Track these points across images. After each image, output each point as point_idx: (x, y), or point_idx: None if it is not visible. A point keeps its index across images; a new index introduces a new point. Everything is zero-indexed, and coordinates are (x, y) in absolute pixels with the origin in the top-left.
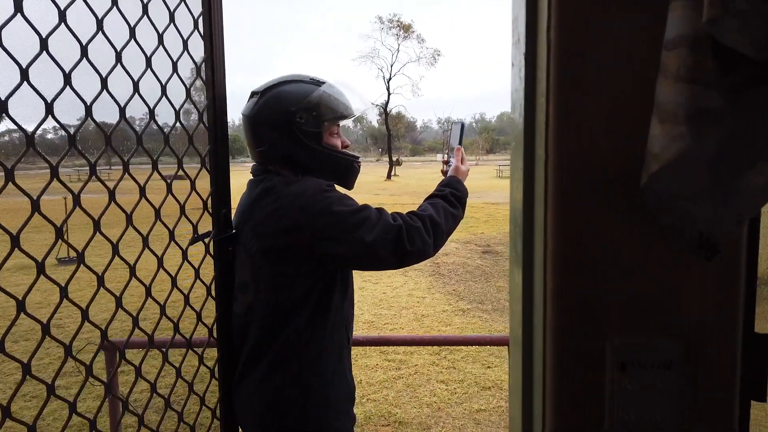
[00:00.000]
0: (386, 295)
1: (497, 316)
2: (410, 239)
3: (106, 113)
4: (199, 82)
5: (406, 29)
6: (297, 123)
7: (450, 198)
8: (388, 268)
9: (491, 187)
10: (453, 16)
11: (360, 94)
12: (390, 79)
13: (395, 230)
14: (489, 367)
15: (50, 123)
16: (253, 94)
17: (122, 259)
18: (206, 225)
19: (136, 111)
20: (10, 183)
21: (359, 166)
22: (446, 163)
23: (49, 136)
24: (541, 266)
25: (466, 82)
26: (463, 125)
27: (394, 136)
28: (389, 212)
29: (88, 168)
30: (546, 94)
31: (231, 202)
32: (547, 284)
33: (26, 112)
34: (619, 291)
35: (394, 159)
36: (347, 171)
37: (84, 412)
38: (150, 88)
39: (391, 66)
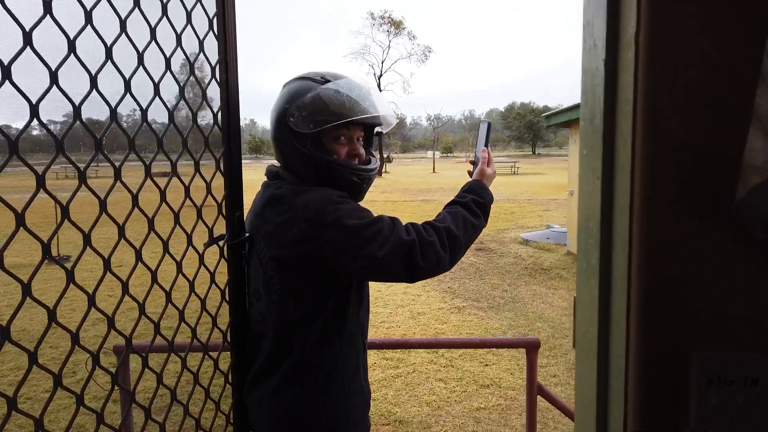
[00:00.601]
0: (381, 293)
1: (492, 314)
2: (423, 255)
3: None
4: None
5: (397, 26)
6: (290, 123)
7: (471, 206)
8: (401, 282)
9: None
10: (444, 13)
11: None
12: (381, 75)
13: (408, 246)
14: (486, 365)
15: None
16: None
17: (145, 265)
18: (220, 228)
19: (126, 108)
20: None
21: (363, 180)
22: (473, 163)
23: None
24: (623, 278)
25: (456, 80)
26: (489, 125)
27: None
28: (404, 223)
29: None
30: (633, 101)
31: (244, 205)
32: (631, 296)
33: (47, 112)
34: (706, 304)
35: (385, 156)
36: (346, 182)
37: (107, 420)
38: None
39: (382, 63)
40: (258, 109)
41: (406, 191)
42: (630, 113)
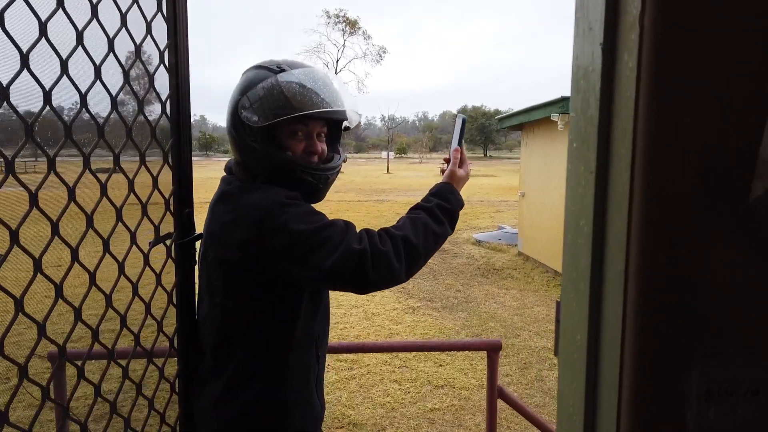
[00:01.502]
0: (335, 293)
1: (447, 314)
2: (375, 267)
3: (62, 99)
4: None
5: (352, 25)
6: (241, 115)
7: (435, 212)
8: (350, 292)
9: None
10: (398, 14)
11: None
12: (335, 74)
13: (357, 256)
14: (441, 365)
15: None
16: None
17: (82, 266)
18: (167, 227)
19: (64, 95)
20: None
21: (318, 180)
22: (447, 161)
23: None
24: (618, 282)
25: (410, 81)
26: (464, 120)
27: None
28: (359, 228)
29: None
30: (635, 88)
31: (194, 201)
32: (627, 302)
33: None
34: (709, 311)
35: None
36: (294, 182)
37: None
38: (86, 72)
39: (337, 62)
40: (208, 105)
41: (360, 191)
42: (631, 101)
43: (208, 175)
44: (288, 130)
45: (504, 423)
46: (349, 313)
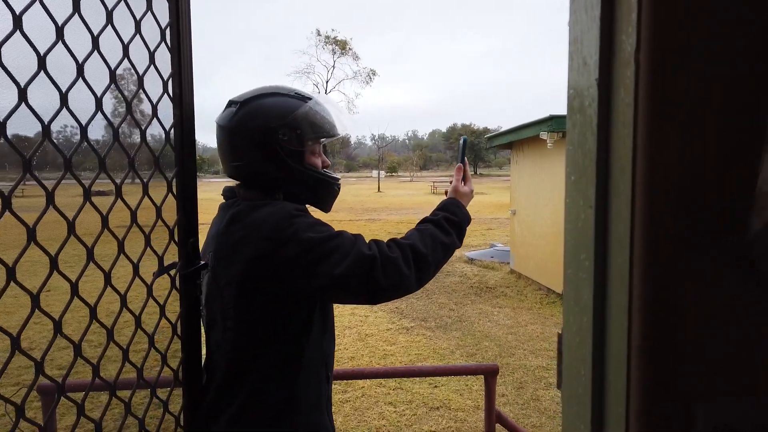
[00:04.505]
0: None
1: (441, 334)
2: (385, 273)
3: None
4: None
5: (342, 46)
6: (279, 140)
7: (443, 224)
8: (363, 302)
9: (427, 202)
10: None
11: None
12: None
13: (368, 262)
14: (436, 386)
15: None
16: (230, 103)
17: (83, 301)
18: (171, 256)
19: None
20: None
21: (339, 188)
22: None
23: None
24: (622, 317)
25: (400, 100)
26: (465, 140)
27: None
28: (367, 240)
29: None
30: (633, 123)
31: (199, 231)
32: (632, 337)
33: None
34: (715, 348)
35: None
36: (327, 193)
37: None
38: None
39: (327, 82)
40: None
41: (352, 210)
42: (629, 138)
43: (201, 196)
44: (311, 149)
45: None
46: (343, 334)
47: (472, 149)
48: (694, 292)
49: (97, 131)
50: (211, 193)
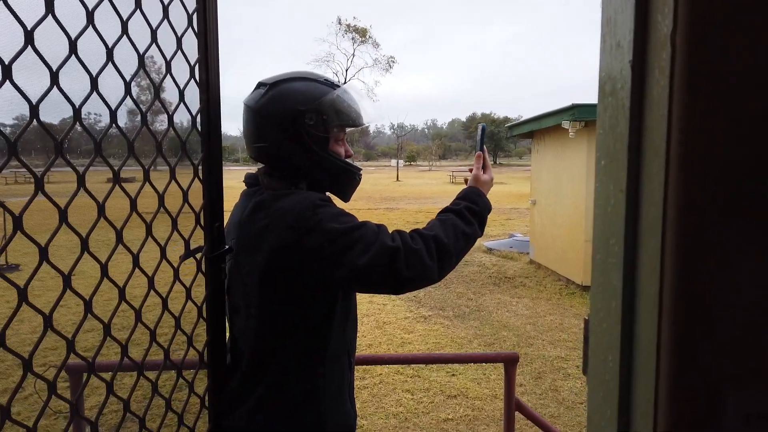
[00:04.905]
0: None
1: (458, 323)
2: (408, 264)
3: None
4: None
5: (362, 33)
6: (305, 124)
7: (464, 213)
8: (386, 293)
9: (445, 192)
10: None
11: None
12: (344, 83)
13: (390, 253)
14: (453, 375)
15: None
16: (259, 85)
17: (112, 281)
18: (197, 240)
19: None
20: None
21: (360, 178)
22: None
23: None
24: (653, 303)
25: (420, 89)
26: (483, 128)
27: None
28: (390, 230)
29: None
30: (668, 105)
31: (224, 215)
32: (662, 323)
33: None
34: (747, 333)
35: None
36: (348, 182)
37: None
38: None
39: (346, 71)
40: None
41: (371, 199)
42: (664, 119)
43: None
44: (336, 137)
45: None
46: (361, 322)
47: (492, 138)
48: (727, 278)
49: (122, 117)
50: (230, 181)
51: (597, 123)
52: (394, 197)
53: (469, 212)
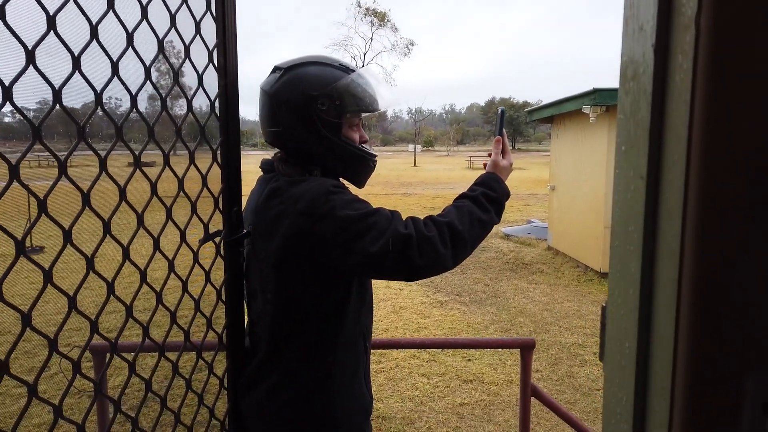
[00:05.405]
0: None
1: (475, 308)
2: (421, 251)
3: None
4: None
5: (381, 17)
6: (317, 109)
7: (481, 200)
8: (399, 280)
9: (463, 178)
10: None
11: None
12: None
13: (403, 240)
14: (469, 359)
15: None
16: (275, 69)
17: (134, 264)
18: (216, 224)
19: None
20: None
21: (375, 165)
22: (490, 155)
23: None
24: (671, 290)
25: (438, 73)
26: (503, 112)
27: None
28: (404, 217)
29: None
30: (691, 91)
31: (242, 199)
32: (680, 309)
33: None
34: (765, 320)
35: None
36: (362, 168)
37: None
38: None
39: (364, 55)
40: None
41: (388, 184)
42: (686, 105)
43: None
44: (350, 123)
45: (534, 419)
46: (377, 307)
47: (510, 123)
48: (748, 265)
49: (142, 102)
50: (248, 166)
51: (618, 108)
52: (411, 182)
53: (485, 198)
